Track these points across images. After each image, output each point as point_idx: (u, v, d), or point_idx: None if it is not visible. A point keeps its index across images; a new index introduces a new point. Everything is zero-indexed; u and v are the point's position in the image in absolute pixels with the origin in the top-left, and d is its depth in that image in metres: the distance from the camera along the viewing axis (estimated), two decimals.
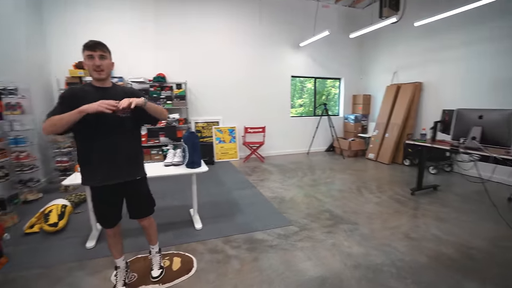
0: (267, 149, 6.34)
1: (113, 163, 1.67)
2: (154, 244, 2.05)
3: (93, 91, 1.63)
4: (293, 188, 4.06)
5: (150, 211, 1.94)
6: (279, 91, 6.42)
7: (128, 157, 1.73)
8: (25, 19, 4.15)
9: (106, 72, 1.63)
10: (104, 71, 1.62)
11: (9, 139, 3.21)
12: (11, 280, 2.01)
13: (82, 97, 1.56)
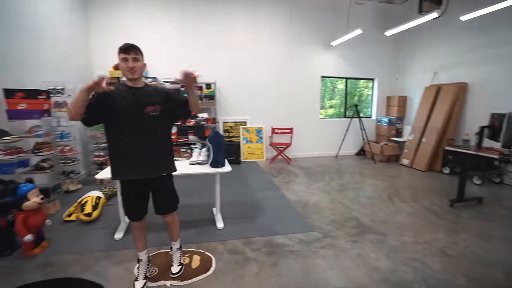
0: (294, 151, 6.22)
1: (140, 159, 1.74)
2: (175, 240, 2.10)
3: (126, 90, 1.73)
4: (319, 193, 3.92)
5: (173, 207, 1.99)
6: (308, 91, 6.26)
7: (154, 155, 1.79)
8: (72, 19, 4.52)
9: (138, 73, 1.72)
10: (137, 72, 1.70)
11: (55, 134, 3.51)
12: (51, 263, 2.18)
13: (114, 95, 1.67)
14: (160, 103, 1.77)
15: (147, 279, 1.93)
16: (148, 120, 1.73)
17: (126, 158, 1.73)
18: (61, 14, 4.18)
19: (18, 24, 3.21)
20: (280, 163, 5.74)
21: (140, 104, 1.72)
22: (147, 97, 1.74)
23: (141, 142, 1.73)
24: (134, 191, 1.82)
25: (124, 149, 1.73)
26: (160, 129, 1.82)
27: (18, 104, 2.79)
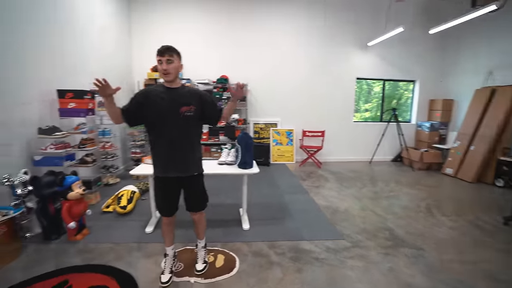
0: (325, 155, 6.02)
1: (173, 158, 1.82)
2: (201, 238, 2.14)
3: (163, 91, 1.80)
4: (350, 199, 3.74)
5: (202, 206, 2.04)
6: (342, 94, 6.02)
7: (186, 154, 1.85)
8: (116, 23, 4.87)
9: (172, 75, 1.76)
10: (171, 74, 1.75)
11: (98, 131, 3.80)
12: (90, 249, 2.36)
13: (153, 96, 1.77)
14: (194, 104, 1.82)
15: (172, 274, 1.99)
16: (182, 120, 1.79)
17: (162, 156, 1.83)
18: (106, 18, 4.53)
19: (69, 30, 3.55)
20: (310, 167, 5.59)
21: (175, 104, 1.77)
22: (182, 97, 1.80)
23: (176, 142, 1.80)
24: (167, 188, 1.90)
25: (161, 148, 1.82)
26: (193, 130, 1.88)
27: (68, 103, 3.08)
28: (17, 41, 2.68)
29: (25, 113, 2.77)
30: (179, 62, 1.80)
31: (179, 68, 1.80)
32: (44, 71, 3.04)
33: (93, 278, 1.96)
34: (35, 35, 2.92)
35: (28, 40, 2.83)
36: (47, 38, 3.10)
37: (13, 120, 2.65)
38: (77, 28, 3.69)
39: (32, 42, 2.87)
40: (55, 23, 3.23)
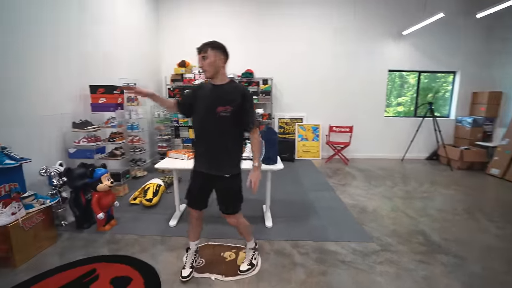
0: (353, 151, 5.75)
1: (207, 156, 1.79)
2: (247, 241, 2.08)
3: (208, 87, 1.79)
4: (379, 198, 3.52)
5: (232, 209, 1.89)
6: (372, 87, 5.67)
7: (219, 155, 1.78)
8: (145, 20, 4.98)
9: (209, 72, 1.70)
10: (207, 71, 1.70)
11: (127, 125, 3.93)
12: (116, 240, 2.44)
13: (199, 92, 1.82)
14: (233, 104, 1.70)
15: (193, 269, 1.98)
16: (218, 120, 1.70)
17: (200, 152, 1.84)
18: (135, 15, 4.65)
19: (100, 29, 3.68)
20: (336, 163, 5.37)
21: (214, 103, 1.71)
22: (222, 96, 1.71)
23: (211, 140, 1.77)
24: (199, 182, 1.87)
25: (199, 144, 1.83)
26: (229, 130, 1.75)
27: (99, 99, 3.20)
28: (50, 43, 2.83)
29: (62, 108, 2.93)
30: (217, 56, 1.69)
31: (217, 63, 1.70)
32: (77, 68, 3.17)
33: (118, 269, 2.02)
34: (66, 35, 3.05)
35: (60, 40, 2.96)
36: (78, 37, 3.24)
37: (52, 114, 2.80)
38: (108, 26, 3.81)
39: (64, 43, 3.01)
40: (85, 23, 3.36)
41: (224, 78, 1.77)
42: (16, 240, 2.05)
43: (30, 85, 2.59)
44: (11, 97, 2.40)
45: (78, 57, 3.19)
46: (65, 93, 2.99)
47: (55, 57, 2.86)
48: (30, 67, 2.59)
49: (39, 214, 2.25)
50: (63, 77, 2.96)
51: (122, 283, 1.86)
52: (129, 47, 4.39)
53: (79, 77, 3.18)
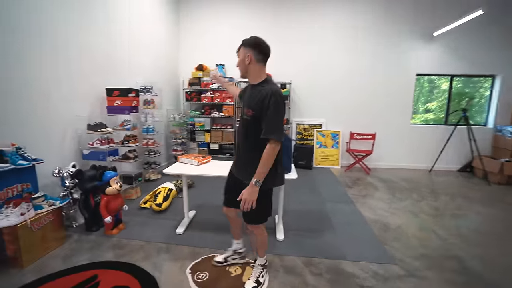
0: (375, 160, 5.40)
1: (236, 157, 1.87)
2: (259, 256, 1.93)
3: (249, 87, 1.77)
4: (403, 214, 3.20)
5: (251, 220, 1.76)
6: (398, 93, 5.29)
7: (243, 159, 1.75)
8: (165, 23, 5.03)
9: (240, 70, 1.70)
10: (239, 69, 1.70)
11: (143, 128, 3.94)
12: (122, 245, 2.37)
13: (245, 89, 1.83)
14: (255, 108, 1.58)
15: (225, 261, 2.09)
16: (244, 123, 1.70)
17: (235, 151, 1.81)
18: (156, 18, 4.70)
19: (118, 31, 3.73)
20: (357, 172, 5.06)
21: (245, 103, 1.72)
22: (250, 97, 1.66)
23: (239, 143, 1.79)
24: (230, 181, 1.90)
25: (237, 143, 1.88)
26: (252, 136, 1.62)
27: (114, 101, 3.21)
28: (71, 45, 2.87)
29: (78, 110, 2.96)
30: (245, 54, 1.64)
31: (244, 60, 1.65)
32: (94, 71, 3.21)
33: (119, 277, 1.93)
34: (86, 34, 3.10)
35: (84, 40, 3.01)
36: (97, 38, 3.28)
37: (68, 116, 2.84)
38: (126, 28, 3.86)
39: (85, 44, 3.06)
40: (104, 24, 3.41)
41: (257, 78, 1.67)
42: (24, 240, 2.04)
43: (48, 87, 2.63)
44: (28, 99, 2.44)
45: (96, 60, 3.23)
46: (82, 95, 3.03)
47: (73, 59, 2.91)
48: (47, 69, 2.63)
49: (48, 215, 2.24)
50: (80, 79, 3.00)
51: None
52: (148, 50, 4.44)
53: (96, 80, 3.22)
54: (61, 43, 2.76)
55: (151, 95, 3.99)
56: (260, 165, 1.55)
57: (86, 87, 3.08)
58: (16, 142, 2.28)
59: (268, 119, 1.52)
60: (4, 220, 2.00)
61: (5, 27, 2.23)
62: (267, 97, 1.52)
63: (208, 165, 2.72)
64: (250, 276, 1.92)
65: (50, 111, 2.66)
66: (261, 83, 1.65)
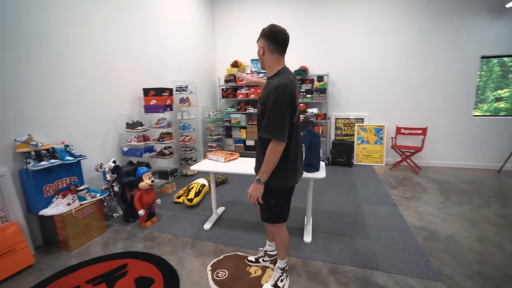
0: (427, 157, 4.78)
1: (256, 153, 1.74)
2: (279, 258, 1.82)
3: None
4: (458, 221, 2.74)
5: (265, 217, 1.72)
6: (456, 80, 4.55)
7: (257, 154, 1.69)
8: (200, 21, 5.15)
9: (260, 63, 1.64)
10: (260, 63, 1.63)
11: (179, 125, 4.11)
12: (153, 237, 2.50)
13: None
14: (263, 103, 1.51)
15: (257, 262, 2.06)
16: (257, 118, 1.64)
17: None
18: (192, 16, 4.84)
19: (157, 31, 3.92)
20: (404, 171, 4.53)
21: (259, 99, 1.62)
22: (262, 92, 1.57)
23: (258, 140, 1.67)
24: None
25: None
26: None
27: (150, 101, 3.40)
28: (113, 50, 3.11)
29: (119, 109, 3.21)
30: (260, 44, 1.56)
31: (259, 53, 1.58)
32: (133, 72, 3.44)
33: (145, 268, 2.03)
34: (123, 38, 3.33)
35: (118, 44, 3.24)
36: (133, 41, 3.50)
37: (110, 115, 3.10)
38: (163, 28, 4.04)
39: (123, 47, 3.28)
40: (143, 25, 3.62)
41: (272, 70, 1.57)
42: (70, 228, 2.29)
43: (94, 89, 2.89)
44: (76, 101, 2.71)
45: (136, 62, 3.45)
46: (122, 95, 3.27)
47: (114, 62, 3.15)
48: (95, 73, 2.89)
49: (90, 206, 2.48)
50: (121, 81, 3.24)
51: (144, 284, 1.85)
52: (185, 48, 4.60)
53: (135, 80, 3.44)
54: (107, 50, 3.00)
55: (186, 93, 4.13)
56: (263, 163, 1.47)
57: (126, 88, 3.32)
58: (65, 140, 2.56)
59: (268, 116, 1.43)
60: (54, 209, 2.26)
61: (62, 42, 2.50)
62: (272, 91, 1.42)
63: (235, 162, 2.70)
64: (268, 279, 1.84)
65: (95, 111, 2.92)
66: (274, 76, 1.54)
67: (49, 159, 2.29)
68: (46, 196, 2.30)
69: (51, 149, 2.36)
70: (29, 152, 2.20)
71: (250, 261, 2.08)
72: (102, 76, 2.99)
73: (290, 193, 1.69)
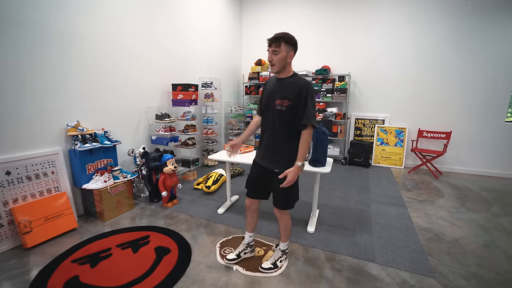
0: (450, 163, 4.64)
1: (263, 147, 1.88)
2: (282, 241, 2.04)
3: (273, 80, 1.86)
4: (468, 227, 2.72)
5: (282, 205, 1.89)
6: (488, 84, 4.33)
7: (270, 148, 1.84)
8: (228, 18, 5.42)
9: (276, 66, 1.71)
10: (275, 66, 1.71)
11: (203, 119, 4.44)
12: (172, 216, 2.83)
13: (266, 86, 1.90)
14: (290, 98, 1.70)
15: (239, 258, 2.06)
16: (276, 113, 1.75)
17: (260, 143, 1.92)
18: (221, 21, 5.14)
19: (184, 30, 4.26)
20: (423, 175, 4.45)
21: (273, 95, 1.76)
22: (282, 89, 1.74)
23: (269, 134, 1.82)
24: (255, 172, 1.96)
25: (261, 135, 1.91)
26: (285, 125, 1.76)
27: (178, 95, 3.74)
28: (148, 47, 3.49)
29: (150, 102, 3.59)
30: (288, 52, 1.68)
31: (286, 58, 1.69)
32: (164, 68, 3.81)
33: (164, 240, 2.35)
34: (157, 36, 3.69)
35: (151, 41, 3.62)
36: (164, 39, 3.86)
37: (142, 107, 3.49)
38: (196, 33, 4.38)
39: (155, 46, 3.66)
40: (172, 23, 3.97)
41: (289, 72, 1.77)
42: (105, 201, 2.69)
43: (131, 84, 3.28)
44: (115, 93, 3.12)
45: (166, 59, 3.82)
46: (154, 89, 3.65)
47: (146, 59, 3.53)
48: (134, 69, 3.28)
49: (122, 185, 2.87)
50: (153, 76, 3.62)
51: (162, 252, 2.16)
52: (212, 49, 4.91)
53: (165, 76, 3.81)
54: (144, 50, 3.39)
55: (211, 89, 4.44)
56: (303, 149, 1.72)
57: (158, 83, 3.70)
58: (104, 127, 2.98)
59: (308, 107, 1.69)
60: (93, 184, 2.67)
61: (110, 44, 2.91)
62: (305, 88, 1.69)
63: (249, 154, 2.94)
64: (269, 258, 2.05)
65: (131, 103, 3.33)
66: (292, 76, 1.76)
67: (92, 142, 2.71)
68: (88, 173, 2.73)
69: (93, 134, 2.78)
70: (76, 136, 2.63)
71: (228, 259, 2.03)
72: (137, 73, 3.38)
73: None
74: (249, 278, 1.91)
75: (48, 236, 2.32)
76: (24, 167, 2.31)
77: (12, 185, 2.24)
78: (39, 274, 1.90)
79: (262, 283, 1.86)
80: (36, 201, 2.37)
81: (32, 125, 2.37)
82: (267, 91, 1.85)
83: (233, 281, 1.87)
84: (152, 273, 1.91)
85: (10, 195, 2.23)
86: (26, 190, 2.33)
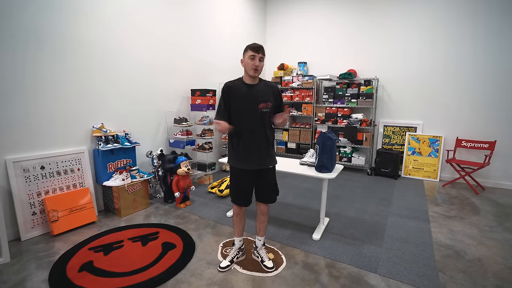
0: (496, 177, 4.36)
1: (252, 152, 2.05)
2: (261, 235, 2.30)
3: (243, 87, 2.01)
4: (498, 246, 2.60)
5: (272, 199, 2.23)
6: None
7: (262, 148, 2.08)
8: (253, 25, 5.79)
9: (259, 72, 1.98)
10: (258, 71, 1.97)
11: None
12: (183, 216, 3.14)
13: (232, 94, 2.01)
14: (271, 99, 2.06)
15: (232, 263, 2.22)
16: (259, 115, 2.01)
17: (240, 149, 2.06)
18: (245, 26, 5.51)
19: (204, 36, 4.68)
20: (461, 189, 4.24)
21: (255, 101, 1.99)
22: (261, 94, 2.02)
23: (254, 136, 2.03)
24: (244, 179, 2.12)
25: (241, 141, 2.04)
26: (267, 125, 2.08)
27: (196, 100, 4.12)
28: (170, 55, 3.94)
29: (169, 106, 4.02)
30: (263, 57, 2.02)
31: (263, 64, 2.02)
32: (184, 74, 4.23)
33: (171, 236, 2.65)
34: (185, 44, 4.14)
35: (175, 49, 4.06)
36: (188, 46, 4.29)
37: (162, 111, 3.92)
38: (219, 40, 4.79)
39: (180, 55, 4.09)
40: (199, 36, 4.40)
41: (258, 79, 2.09)
42: (123, 199, 3.10)
43: (152, 89, 3.74)
44: (137, 98, 3.58)
45: (188, 65, 4.25)
46: (173, 94, 4.08)
47: (172, 67, 3.97)
48: (156, 75, 3.74)
49: (139, 184, 3.26)
50: (174, 81, 4.05)
51: (168, 247, 2.46)
52: (235, 53, 5.27)
53: (184, 82, 4.23)
54: (166, 57, 3.85)
55: None
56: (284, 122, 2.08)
57: (178, 88, 4.13)
58: (126, 129, 3.43)
59: (282, 100, 2.21)
60: (113, 182, 3.10)
61: (136, 52, 3.39)
62: (276, 88, 2.16)
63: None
64: (262, 257, 2.23)
65: (151, 107, 3.77)
66: (263, 81, 2.13)
67: (113, 143, 3.16)
68: (109, 171, 3.17)
69: (115, 135, 3.23)
70: (100, 136, 3.09)
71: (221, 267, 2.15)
72: (160, 80, 3.84)
73: None
74: (244, 276, 2.10)
75: (71, 226, 2.76)
76: (55, 163, 2.81)
77: (45, 178, 2.74)
78: (61, 257, 2.30)
79: (256, 281, 2.04)
80: (64, 194, 2.84)
81: (65, 126, 2.87)
82: (241, 96, 1.99)
83: (229, 277, 2.08)
84: (156, 264, 2.21)
85: (43, 187, 2.72)
86: (56, 184, 2.82)
